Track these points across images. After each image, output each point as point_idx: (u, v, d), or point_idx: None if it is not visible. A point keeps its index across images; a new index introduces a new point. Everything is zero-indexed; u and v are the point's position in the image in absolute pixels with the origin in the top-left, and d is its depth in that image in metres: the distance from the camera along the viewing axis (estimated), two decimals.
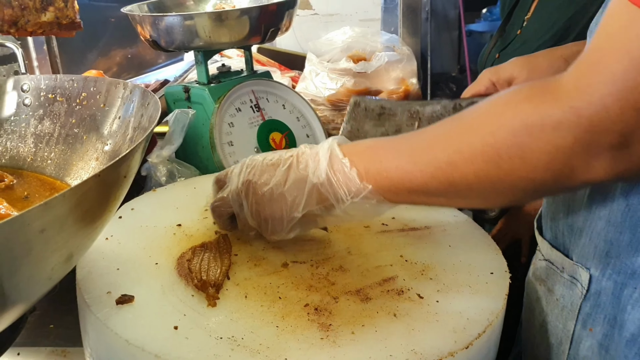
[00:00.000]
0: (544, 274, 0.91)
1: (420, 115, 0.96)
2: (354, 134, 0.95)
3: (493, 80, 1.03)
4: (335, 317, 0.78)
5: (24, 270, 0.57)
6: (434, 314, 0.78)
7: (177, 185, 1.18)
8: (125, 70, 2.14)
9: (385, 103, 0.96)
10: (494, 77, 1.03)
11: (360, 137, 0.92)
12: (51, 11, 1.40)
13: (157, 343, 0.72)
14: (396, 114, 0.96)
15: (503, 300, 0.81)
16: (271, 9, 1.28)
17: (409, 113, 0.96)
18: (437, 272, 0.87)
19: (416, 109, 0.96)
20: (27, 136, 1.01)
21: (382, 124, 0.96)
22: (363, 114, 0.95)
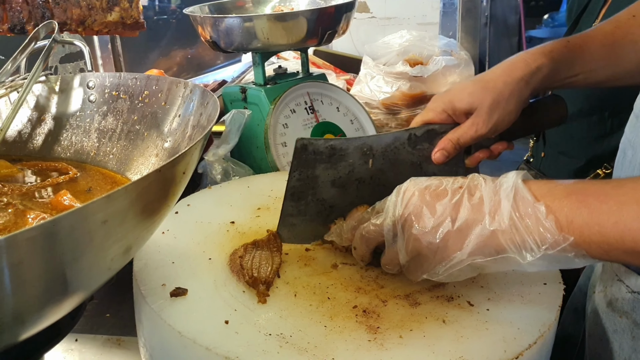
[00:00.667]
0: (628, 306, 0.83)
1: (373, 151, 0.90)
2: (304, 182, 0.88)
3: (448, 111, 0.94)
4: (384, 320, 0.78)
5: (85, 259, 0.59)
6: (483, 322, 0.77)
7: (231, 184, 1.20)
8: (184, 70, 2.20)
9: (335, 142, 0.89)
10: (448, 107, 0.94)
11: (311, 184, 0.89)
12: (117, 11, 1.45)
13: (209, 336, 0.73)
14: (348, 153, 0.89)
15: (556, 312, 0.80)
16: (329, 12, 1.29)
17: (361, 151, 0.89)
18: (488, 281, 0.86)
19: (369, 145, 0.90)
20: (91, 131, 1.05)
21: (334, 166, 0.89)
22: (312, 158, 0.88)
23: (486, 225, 0.69)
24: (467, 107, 0.92)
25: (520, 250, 0.68)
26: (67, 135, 1.07)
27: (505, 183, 0.70)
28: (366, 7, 2.25)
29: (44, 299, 0.61)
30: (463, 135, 0.92)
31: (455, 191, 0.73)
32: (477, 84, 0.93)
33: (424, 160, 0.92)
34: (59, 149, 1.07)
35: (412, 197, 0.74)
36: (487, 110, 0.90)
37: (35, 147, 1.08)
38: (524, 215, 0.67)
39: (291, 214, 0.91)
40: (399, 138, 0.92)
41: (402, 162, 0.91)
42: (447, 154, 0.92)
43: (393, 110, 1.66)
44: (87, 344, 1.01)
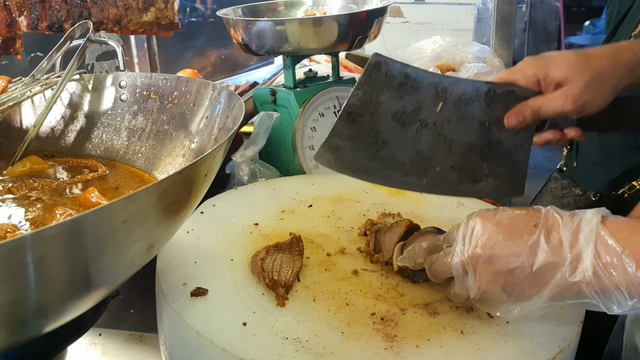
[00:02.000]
0: None
1: (447, 95, 0.82)
2: (365, 105, 0.80)
3: (539, 76, 0.85)
4: (401, 328, 0.78)
5: (106, 257, 0.60)
6: (502, 335, 0.76)
7: (257, 185, 1.21)
8: (218, 71, 2.22)
9: (412, 71, 0.81)
10: (541, 72, 0.84)
11: (371, 110, 0.80)
12: (152, 12, 1.47)
13: (226, 337, 0.74)
14: (420, 87, 0.81)
15: (578, 328, 0.78)
16: (360, 17, 1.29)
17: (434, 90, 0.81)
18: None
19: (444, 87, 0.82)
20: (121, 130, 1.07)
21: (401, 97, 0.80)
22: (382, 80, 0.79)
23: (567, 275, 0.65)
24: (563, 77, 0.83)
25: (606, 301, 0.64)
26: (98, 133, 1.09)
27: (585, 226, 0.66)
28: (400, 12, 2.25)
29: (67, 293, 0.62)
30: (546, 105, 0.83)
31: (530, 230, 0.68)
32: (580, 56, 0.85)
33: (494, 123, 0.84)
34: (90, 147, 1.09)
35: (482, 235, 0.70)
36: (582, 86, 0.82)
37: (67, 144, 1.10)
38: (609, 265, 0.63)
39: (340, 135, 0.81)
40: (477, 89, 0.83)
41: (472, 117, 0.83)
42: (522, 120, 0.84)
43: None
44: (111, 338, 1.03)
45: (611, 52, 0.86)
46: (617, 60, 0.85)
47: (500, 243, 0.69)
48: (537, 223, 0.68)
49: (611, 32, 1.83)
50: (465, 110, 0.83)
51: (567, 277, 0.65)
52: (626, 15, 1.78)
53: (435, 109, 0.82)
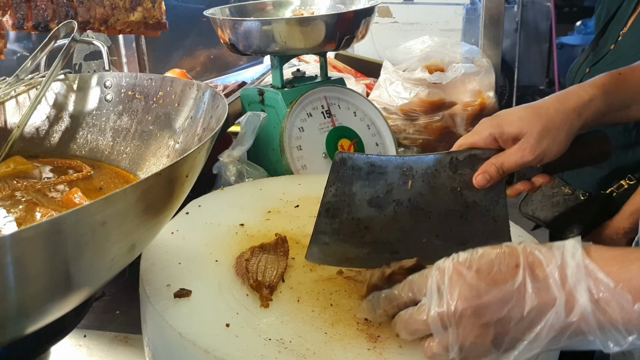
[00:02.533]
0: None
1: (413, 172, 0.87)
2: (340, 198, 0.85)
3: (494, 134, 0.89)
4: (385, 329, 0.77)
5: (85, 258, 0.60)
6: None
7: (244, 186, 1.21)
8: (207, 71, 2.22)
9: (375, 160, 0.87)
10: (496, 131, 0.89)
11: (347, 202, 0.86)
12: (139, 11, 1.47)
13: (208, 339, 0.74)
14: (387, 172, 0.86)
15: None
16: (348, 17, 1.29)
17: (400, 171, 0.87)
18: None
19: (409, 166, 0.87)
20: (106, 130, 1.07)
21: (372, 184, 0.86)
22: (350, 173, 0.85)
23: (562, 315, 0.62)
24: (516, 132, 0.88)
25: (602, 339, 0.62)
26: (82, 134, 1.09)
27: (571, 259, 0.63)
28: (389, 12, 2.25)
29: (47, 294, 0.62)
30: (507, 160, 0.88)
31: (512, 273, 0.64)
32: (528, 109, 0.90)
33: (465, 187, 0.88)
34: (75, 147, 1.08)
35: (462, 286, 0.65)
36: (536, 137, 0.87)
37: (51, 144, 1.09)
38: (603, 301, 0.61)
39: (324, 231, 0.86)
40: (440, 161, 0.88)
41: (442, 186, 0.88)
42: (489, 177, 0.88)
43: (411, 116, 1.66)
44: (96, 340, 1.03)
45: (557, 100, 0.90)
46: (564, 106, 0.88)
47: (484, 292, 0.64)
48: (517, 263, 0.65)
49: (600, 32, 1.84)
50: (435, 182, 0.88)
51: (564, 317, 0.62)
52: (615, 14, 1.79)
53: (406, 187, 0.87)
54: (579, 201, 1.83)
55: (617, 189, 1.75)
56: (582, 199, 1.82)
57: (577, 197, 1.83)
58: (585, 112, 0.89)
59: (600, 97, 0.89)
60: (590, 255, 0.63)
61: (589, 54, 1.78)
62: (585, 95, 0.89)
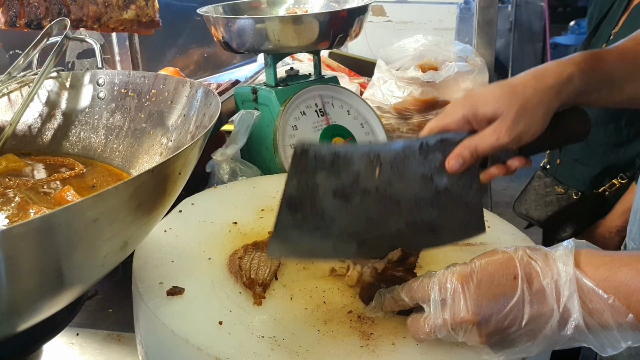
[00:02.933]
0: None
1: (381, 160, 0.81)
2: (303, 190, 0.79)
3: (468, 116, 0.84)
4: (378, 326, 0.78)
5: (77, 256, 0.60)
6: None
7: (237, 184, 1.21)
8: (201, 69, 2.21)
9: (339, 148, 0.81)
10: (470, 112, 0.84)
11: (310, 194, 0.80)
12: (132, 9, 1.47)
13: (201, 336, 0.74)
14: (352, 161, 0.80)
15: None
16: (341, 15, 1.29)
17: (367, 159, 0.81)
18: None
19: (376, 153, 0.81)
20: (99, 128, 1.06)
21: (337, 174, 0.80)
22: (312, 164, 0.79)
23: (557, 329, 0.65)
24: (492, 113, 0.83)
25: (598, 345, 0.65)
26: (75, 131, 1.08)
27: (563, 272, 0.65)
28: (383, 10, 2.25)
29: (39, 292, 0.62)
30: (482, 142, 0.83)
31: (512, 285, 0.66)
32: (504, 87, 0.84)
33: (436, 172, 0.84)
34: (67, 145, 1.08)
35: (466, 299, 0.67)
36: (513, 117, 0.82)
37: (44, 142, 1.09)
38: (596, 311, 0.63)
39: (286, 225, 0.80)
40: (409, 147, 0.83)
41: (412, 173, 0.83)
42: (462, 161, 0.83)
43: (404, 115, 1.66)
44: (88, 338, 1.02)
45: (534, 77, 0.85)
46: (541, 84, 0.83)
47: (487, 306, 0.66)
48: (515, 275, 0.67)
49: (592, 31, 1.86)
50: (404, 169, 0.83)
51: (559, 331, 0.65)
52: (607, 14, 1.80)
53: (374, 176, 0.82)
54: (572, 200, 1.84)
55: (609, 188, 1.76)
56: (575, 198, 1.83)
57: (570, 197, 1.84)
58: (564, 90, 0.84)
59: (578, 75, 0.85)
60: (581, 264, 0.65)
61: None
62: (564, 73, 0.84)
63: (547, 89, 0.83)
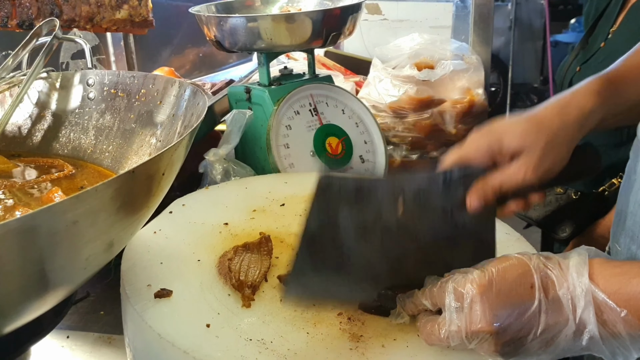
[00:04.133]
0: None
1: (404, 194, 0.78)
2: (324, 230, 0.75)
3: (493, 148, 0.81)
4: (368, 328, 0.76)
5: (59, 257, 0.59)
6: None
7: (229, 184, 1.20)
8: (197, 69, 2.20)
9: (363, 182, 0.77)
10: (495, 146, 0.81)
11: (331, 233, 0.76)
12: (125, 9, 1.46)
13: (188, 339, 0.73)
14: (376, 194, 0.77)
15: None
16: (334, 14, 1.27)
17: (392, 192, 0.78)
18: None
19: (400, 187, 0.78)
20: (89, 129, 1.05)
21: (360, 209, 0.76)
22: (337, 197, 0.75)
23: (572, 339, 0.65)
24: (518, 147, 0.79)
25: (609, 355, 0.65)
26: (65, 132, 1.07)
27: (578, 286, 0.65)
28: (378, 9, 2.24)
29: (22, 293, 0.61)
30: (507, 180, 0.79)
31: (529, 294, 0.66)
32: (529, 123, 0.81)
33: (456, 208, 0.80)
34: (57, 146, 1.07)
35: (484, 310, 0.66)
36: (539, 154, 0.79)
37: (34, 143, 1.08)
38: (609, 323, 0.64)
39: (304, 269, 0.75)
40: (433, 180, 0.80)
41: (433, 209, 0.80)
42: (484, 201, 0.79)
43: (400, 114, 1.65)
44: (79, 340, 1.01)
45: (559, 112, 0.82)
46: (566, 119, 0.81)
47: (506, 315, 0.66)
48: (532, 284, 0.67)
49: (590, 29, 1.84)
50: (426, 204, 0.80)
51: (574, 341, 0.65)
52: (604, 12, 1.78)
53: (396, 211, 0.78)
54: (570, 200, 1.83)
55: (608, 188, 1.74)
56: (574, 197, 1.82)
57: (569, 196, 1.82)
58: (587, 124, 0.82)
59: (600, 107, 0.83)
60: (593, 275, 0.65)
61: (579, 52, 1.78)
62: (586, 107, 0.82)
63: (572, 124, 0.81)
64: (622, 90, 0.86)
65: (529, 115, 0.83)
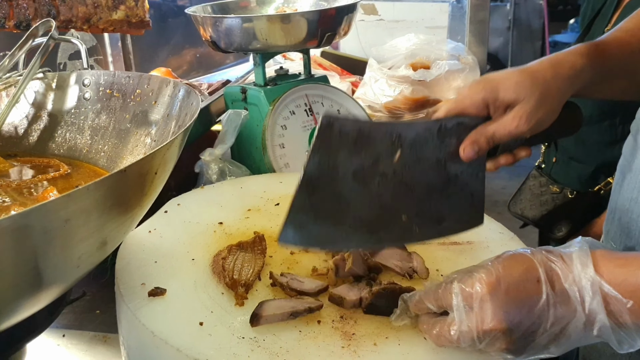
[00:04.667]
0: None
1: (402, 141, 0.78)
2: (323, 169, 0.74)
3: (488, 100, 0.82)
4: (360, 326, 0.77)
5: (51, 255, 0.60)
6: None
7: (224, 184, 1.20)
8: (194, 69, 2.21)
9: (364, 125, 0.77)
10: (490, 96, 0.82)
11: (330, 174, 0.75)
12: (122, 10, 1.46)
13: (181, 337, 0.73)
14: (375, 139, 0.77)
15: None
16: (329, 14, 1.28)
17: (390, 139, 0.77)
18: None
19: (398, 133, 0.78)
20: (84, 128, 1.06)
21: (358, 153, 0.75)
22: (336, 140, 0.74)
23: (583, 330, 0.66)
24: (512, 98, 0.81)
25: (616, 343, 0.66)
26: (61, 132, 1.08)
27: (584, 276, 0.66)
28: (374, 9, 2.24)
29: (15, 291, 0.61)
30: (500, 129, 0.81)
31: (536, 288, 0.67)
32: (524, 74, 0.82)
33: (449, 158, 0.82)
34: (53, 146, 1.08)
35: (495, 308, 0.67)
36: (533, 104, 0.80)
37: (30, 143, 1.09)
38: (615, 313, 0.65)
39: (301, 209, 0.74)
40: (429, 128, 0.80)
41: (427, 158, 0.80)
42: (477, 149, 0.81)
43: (395, 113, 1.65)
44: (74, 339, 1.02)
45: (552, 66, 0.84)
46: (559, 73, 0.83)
47: (516, 313, 0.67)
48: (538, 278, 0.67)
49: (585, 28, 1.85)
50: (421, 152, 0.80)
51: (584, 332, 0.66)
52: (599, 12, 1.79)
53: (393, 158, 0.78)
54: (567, 199, 1.83)
55: (604, 187, 1.75)
56: (570, 197, 1.82)
57: (565, 196, 1.83)
58: (577, 81, 0.84)
59: (589, 68, 0.85)
60: (596, 266, 0.66)
61: None
62: (577, 64, 0.84)
63: (564, 78, 0.83)
64: (608, 56, 0.87)
65: (522, 68, 0.85)
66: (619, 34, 0.91)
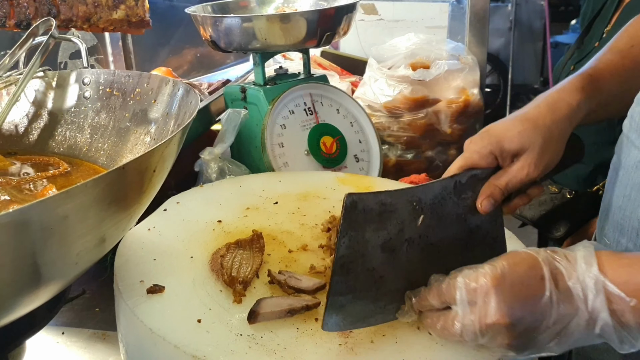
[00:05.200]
0: None
1: (422, 205, 0.80)
2: (354, 248, 0.76)
3: (495, 153, 0.85)
4: None
5: (49, 252, 0.60)
6: None
7: (224, 183, 1.21)
8: (195, 69, 2.22)
9: (384, 197, 0.78)
10: (496, 149, 0.85)
11: (361, 251, 0.77)
12: (122, 9, 1.47)
13: (179, 334, 0.74)
14: (397, 208, 0.78)
15: None
16: (328, 14, 1.28)
17: (411, 205, 0.79)
18: None
19: (417, 197, 0.80)
20: (84, 127, 1.06)
21: (384, 226, 0.77)
22: (362, 218, 0.76)
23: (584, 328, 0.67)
24: (518, 148, 0.84)
25: (618, 342, 0.67)
26: (61, 131, 1.08)
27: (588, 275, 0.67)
28: (374, 9, 2.25)
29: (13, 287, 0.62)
30: (512, 179, 0.84)
31: (540, 285, 0.68)
32: (525, 122, 0.86)
33: (468, 211, 0.84)
34: (53, 144, 1.08)
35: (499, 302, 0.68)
36: (538, 151, 0.84)
37: (30, 142, 1.09)
38: (618, 312, 0.66)
39: (340, 292, 0.75)
40: (445, 187, 0.83)
41: (448, 215, 0.82)
42: (493, 201, 0.83)
43: (395, 113, 1.65)
44: (74, 337, 1.03)
45: (550, 110, 0.87)
46: (558, 116, 0.86)
47: (519, 308, 0.68)
48: (542, 276, 0.69)
49: (585, 29, 1.85)
50: (442, 211, 0.82)
51: (587, 330, 0.67)
52: (599, 13, 1.79)
53: (416, 223, 0.80)
54: (565, 199, 1.84)
55: (602, 187, 1.75)
56: (569, 197, 1.83)
57: (563, 196, 1.83)
58: (575, 119, 0.87)
59: (585, 102, 0.88)
60: (602, 266, 0.67)
61: (574, 52, 1.79)
62: (573, 102, 0.87)
63: (563, 120, 0.86)
64: (602, 84, 0.90)
65: (521, 115, 0.87)
66: (611, 56, 0.94)
